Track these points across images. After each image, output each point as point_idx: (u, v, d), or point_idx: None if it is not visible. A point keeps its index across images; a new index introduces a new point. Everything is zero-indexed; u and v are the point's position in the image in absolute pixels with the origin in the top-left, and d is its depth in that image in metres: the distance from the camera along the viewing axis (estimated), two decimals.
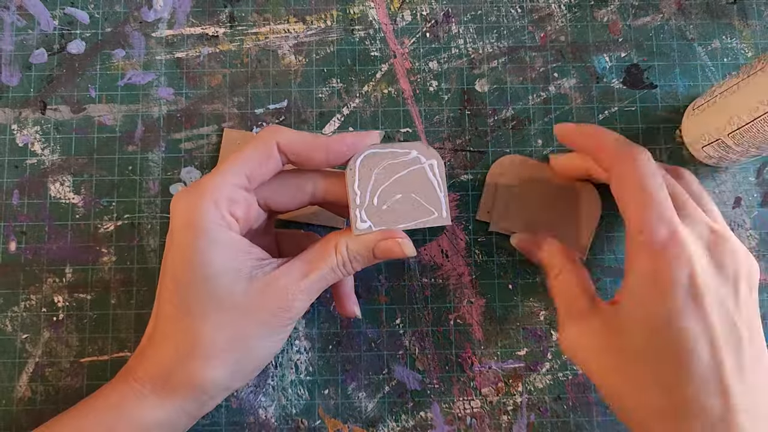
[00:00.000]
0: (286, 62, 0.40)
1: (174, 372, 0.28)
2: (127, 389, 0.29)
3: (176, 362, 0.28)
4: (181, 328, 0.28)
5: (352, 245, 0.30)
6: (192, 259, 0.27)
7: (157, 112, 0.39)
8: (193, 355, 0.28)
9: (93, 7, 0.40)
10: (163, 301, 0.29)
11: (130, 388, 0.29)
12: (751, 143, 0.33)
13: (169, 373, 0.28)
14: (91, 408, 0.29)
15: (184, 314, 0.28)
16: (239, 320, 0.28)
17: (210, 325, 0.28)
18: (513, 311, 0.37)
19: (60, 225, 0.38)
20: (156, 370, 0.29)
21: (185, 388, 0.28)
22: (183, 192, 0.28)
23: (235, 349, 0.28)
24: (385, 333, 0.37)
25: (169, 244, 0.29)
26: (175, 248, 0.28)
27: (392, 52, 0.40)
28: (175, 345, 0.28)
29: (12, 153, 0.38)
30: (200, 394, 0.29)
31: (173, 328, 0.28)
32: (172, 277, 0.28)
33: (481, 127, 0.39)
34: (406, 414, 0.36)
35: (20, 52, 0.39)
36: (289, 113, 0.39)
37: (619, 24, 0.40)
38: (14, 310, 0.37)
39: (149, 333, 0.30)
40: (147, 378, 0.29)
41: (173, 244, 0.28)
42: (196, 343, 0.28)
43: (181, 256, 0.28)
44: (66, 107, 0.39)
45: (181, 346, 0.28)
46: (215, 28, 0.40)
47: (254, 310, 0.28)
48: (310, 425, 0.36)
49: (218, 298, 0.28)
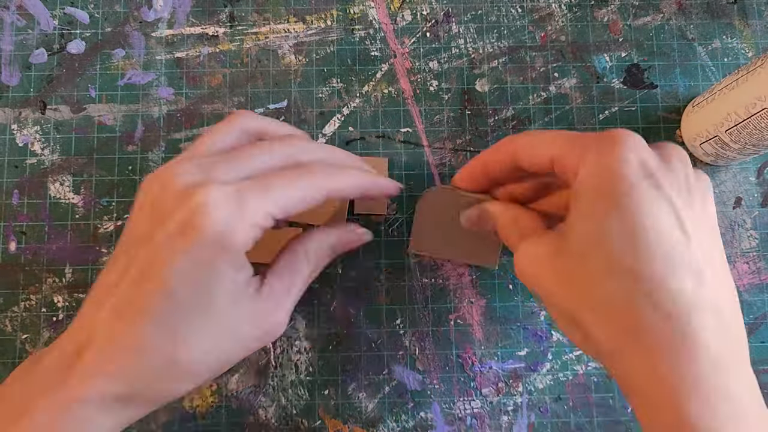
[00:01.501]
0: (286, 62, 0.40)
1: (142, 392, 0.25)
2: (63, 414, 0.24)
3: (145, 381, 0.25)
4: (158, 345, 0.25)
5: (314, 248, 0.30)
6: (202, 281, 0.24)
7: (157, 112, 0.39)
8: (168, 377, 0.25)
9: (93, 7, 0.40)
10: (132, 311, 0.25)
11: (68, 412, 0.24)
12: (747, 140, 0.33)
13: (132, 395, 0.25)
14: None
15: (164, 332, 0.25)
16: (225, 345, 0.26)
17: (196, 350, 0.25)
18: (513, 311, 0.37)
19: (60, 225, 0.38)
20: (116, 387, 0.25)
21: (147, 405, 0.26)
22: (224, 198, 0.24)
23: (212, 371, 0.27)
24: (385, 333, 0.37)
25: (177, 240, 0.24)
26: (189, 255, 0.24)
27: (392, 51, 0.40)
28: (148, 363, 0.25)
29: (12, 153, 0.38)
30: (156, 407, 0.27)
31: (145, 343, 0.25)
32: (163, 290, 0.24)
33: (482, 127, 0.39)
34: (406, 414, 0.36)
35: (20, 52, 0.39)
36: (289, 113, 0.39)
37: (619, 24, 0.40)
38: (14, 310, 0.37)
39: (84, 340, 0.25)
40: (98, 397, 0.24)
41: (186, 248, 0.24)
42: (174, 365, 0.25)
43: (189, 272, 0.24)
44: (66, 107, 0.39)
45: (155, 364, 0.25)
46: (215, 28, 0.40)
47: (242, 337, 0.27)
48: (310, 425, 0.36)
49: (211, 324, 0.25)
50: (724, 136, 0.34)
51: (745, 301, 0.37)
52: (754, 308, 0.37)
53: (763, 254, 0.38)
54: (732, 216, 0.38)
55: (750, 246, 0.38)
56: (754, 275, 0.37)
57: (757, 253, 0.38)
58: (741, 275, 0.37)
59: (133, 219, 0.27)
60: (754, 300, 0.37)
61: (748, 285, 0.37)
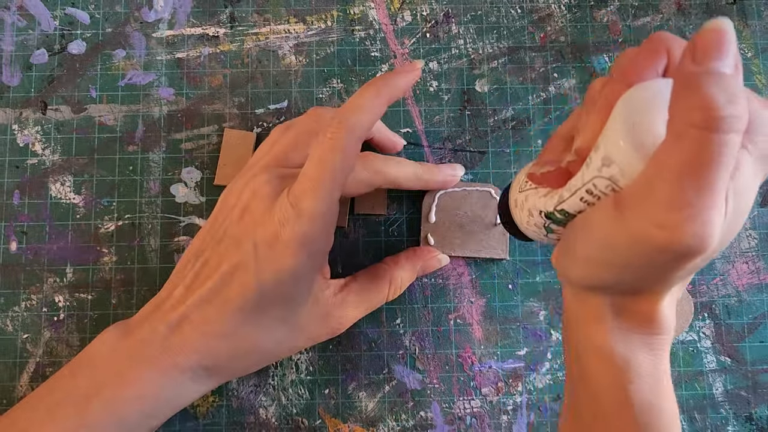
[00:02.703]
0: (287, 62, 0.40)
1: (223, 369, 0.30)
2: (164, 379, 0.29)
3: (228, 360, 0.30)
4: (242, 333, 0.29)
5: (399, 277, 0.34)
6: (288, 281, 0.28)
7: (158, 112, 0.39)
8: (246, 358, 0.30)
9: (93, 8, 0.40)
10: (221, 300, 0.28)
11: (169, 378, 0.29)
12: None
13: (217, 369, 0.30)
14: (129, 397, 0.29)
15: (249, 322, 0.29)
16: (296, 338, 0.31)
17: (271, 340, 0.30)
18: (513, 311, 0.37)
19: (61, 225, 0.38)
20: (206, 361, 0.29)
21: (225, 377, 0.31)
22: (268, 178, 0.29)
23: (279, 356, 0.32)
24: (385, 333, 0.37)
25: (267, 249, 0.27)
26: (275, 260, 0.27)
27: (392, 52, 0.40)
28: (233, 345, 0.29)
29: (13, 153, 0.38)
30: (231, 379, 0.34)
31: (233, 330, 0.29)
32: (258, 287, 0.28)
33: (481, 127, 0.39)
34: (406, 414, 0.36)
35: (21, 53, 0.39)
36: (290, 113, 0.39)
37: (618, 24, 0.40)
38: (15, 310, 0.37)
39: (175, 319, 0.29)
40: (192, 367, 0.29)
41: (276, 257, 0.27)
42: (254, 350, 0.30)
43: (276, 271, 0.27)
44: (67, 107, 0.39)
45: (239, 347, 0.29)
46: (216, 29, 0.40)
47: (310, 332, 0.31)
48: (310, 425, 0.36)
49: (289, 317, 0.30)
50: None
51: (745, 301, 0.37)
52: (753, 308, 0.37)
53: (762, 254, 0.38)
54: None
55: (749, 246, 0.38)
56: (753, 275, 0.38)
57: (756, 253, 0.38)
58: (740, 275, 0.38)
59: (230, 218, 0.30)
60: (753, 300, 0.37)
61: (748, 285, 0.37)
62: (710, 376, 0.37)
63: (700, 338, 0.37)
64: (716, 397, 0.36)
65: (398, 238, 0.38)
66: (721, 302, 0.37)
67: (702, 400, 0.36)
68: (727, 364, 0.37)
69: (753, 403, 0.36)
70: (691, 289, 0.37)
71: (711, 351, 0.37)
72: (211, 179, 0.38)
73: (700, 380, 0.37)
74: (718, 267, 0.38)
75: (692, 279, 0.37)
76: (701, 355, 0.37)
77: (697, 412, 0.36)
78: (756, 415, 0.36)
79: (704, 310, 0.37)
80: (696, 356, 0.37)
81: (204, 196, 0.38)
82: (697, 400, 0.36)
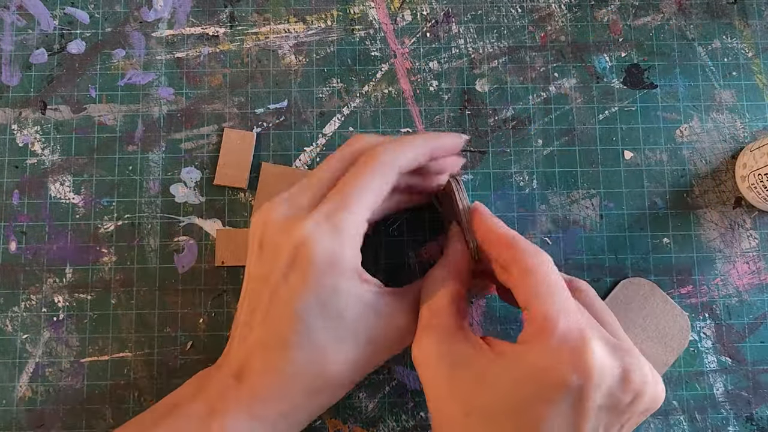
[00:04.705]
0: (287, 62, 0.40)
1: (301, 407, 0.29)
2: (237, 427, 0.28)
3: (307, 398, 0.29)
4: (307, 368, 0.28)
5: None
6: (329, 304, 0.27)
7: (158, 112, 0.39)
8: (323, 390, 0.29)
9: (93, 7, 0.40)
10: (275, 342, 0.28)
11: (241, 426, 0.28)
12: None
13: (295, 408, 0.29)
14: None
15: (309, 355, 0.28)
16: (365, 352, 0.29)
17: (340, 363, 0.28)
18: (513, 311, 0.37)
19: (60, 225, 0.38)
20: (280, 407, 0.28)
21: (306, 417, 0.30)
22: (317, 228, 0.27)
23: (358, 376, 0.30)
24: None
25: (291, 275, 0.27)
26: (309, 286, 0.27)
27: (392, 52, 0.40)
28: (303, 384, 0.28)
29: (12, 153, 0.38)
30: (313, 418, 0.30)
31: (296, 369, 0.28)
32: (296, 322, 0.27)
33: (482, 127, 0.39)
34: (406, 414, 0.36)
35: (20, 52, 0.39)
36: (290, 113, 0.39)
37: (619, 24, 0.40)
38: (14, 310, 0.37)
39: (237, 368, 0.29)
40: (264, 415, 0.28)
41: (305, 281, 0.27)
42: (326, 380, 0.28)
43: (315, 301, 0.27)
44: (66, 107, 0.39)
45: (309, 384, 0.28)
46: (215, 28, 0.40)
47: (381, 343, 0.29)
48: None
49: (348, 337, 0.28)
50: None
51: (745, 301, 0.37)
52: (754, 308, 0.37)
53: (763, 254, 0.38)
54: (732, 216, 0.38)
55: (750, 246, 0.38)
56: (754, 275, 0.37)
57: (757, 253, 0.38)
58: (741, 275, 0.37)
59: (251, 260, 0.30)
60: (754, 300, 0.37)
61: (748, 285, 0.37)
62: (711, 377, 0.37)
63: (701, 338, 0.37)
64: (717, 398, 0.36)
65: (398, 238, 0.38)
66: (722, 302, 0.37)
67: (702, 400, 0.36)
68: (727, 364, 0.37)
69: (754, 403, 0.36)
70: (692, 290, 0.37)
71: (712, 351, 0.37)
72: (211, 179, 0.38)
73: (701, 380, 0.37)
74: (719, 267, 0.38)
75: (693, 279, 0.37)
76: (702, 356, 0.37)
77: (697, 413, 0.36)
78: (757, 415, 0.36)
79: (705, 310, 0.37)
80: (697, 356, 0.37)
81: (204, 196, 0.38)
82: (697, 401, 0.36)
